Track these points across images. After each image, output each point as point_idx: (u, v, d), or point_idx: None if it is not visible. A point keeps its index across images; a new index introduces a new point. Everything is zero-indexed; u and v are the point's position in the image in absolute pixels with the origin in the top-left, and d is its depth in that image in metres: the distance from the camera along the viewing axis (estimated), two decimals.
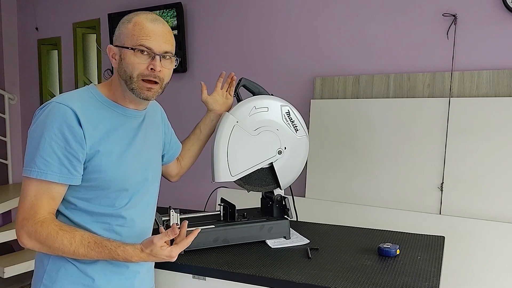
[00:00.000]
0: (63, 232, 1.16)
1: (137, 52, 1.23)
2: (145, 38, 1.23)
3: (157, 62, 1.24)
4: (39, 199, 1.17)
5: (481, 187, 2.25)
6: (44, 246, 1.17)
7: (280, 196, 1.78)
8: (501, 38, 2.26)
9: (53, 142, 1.16)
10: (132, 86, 1.25)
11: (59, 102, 1.19)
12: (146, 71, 1.24)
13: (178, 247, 1.21)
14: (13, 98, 4.57)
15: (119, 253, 1.17)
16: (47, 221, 1.17)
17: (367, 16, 2.63)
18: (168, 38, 1.27)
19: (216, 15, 3.22)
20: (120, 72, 1.26)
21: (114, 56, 1.28)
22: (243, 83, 1.77)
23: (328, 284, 1.34)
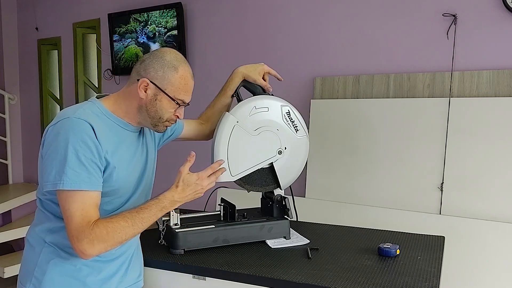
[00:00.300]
0: (115, 219, 1.25)
1: (175, 103, 1.35)
2: (186, 95, 1.38)
3: (183, 111, 1.41)
4: (87, 210, 1.22)
5: (481, 187, 2.25)
6: (108, 242, 1.23)
7: (280, 196, 1.78)
8: (501, 38, 2.26)
9: (80, 154, 1.21)
10: (157, 124, 1.38)
11: (78, 118, 1.24)
12: (174, 117, 1.39)
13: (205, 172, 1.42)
14: (13, 98, 4.57)
15: (162, 200, 1.33)
16: (98, 223, 1.22)
17: (367, 16, 2.63)
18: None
19: (216, 15, 3.22)
20: (148, 108, 1.35)
21: (146, 90, 1.33)
22: (243, 83, 1.77)
23: (328, 284, 1.34)
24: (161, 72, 1.33)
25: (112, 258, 1.38)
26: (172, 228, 1.63)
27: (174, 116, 1.38)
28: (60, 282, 1.31)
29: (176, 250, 1.60)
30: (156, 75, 1.33)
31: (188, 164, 1.38)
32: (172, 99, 1.34)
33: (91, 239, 1.20)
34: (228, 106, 1.79)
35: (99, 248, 1.22)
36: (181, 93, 1.35)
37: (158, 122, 1.37)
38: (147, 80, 1.32)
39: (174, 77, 1.34)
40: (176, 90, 1.34)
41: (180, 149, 3.22)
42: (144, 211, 1.29)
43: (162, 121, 1.37)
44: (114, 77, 3.71)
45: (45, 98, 4.43)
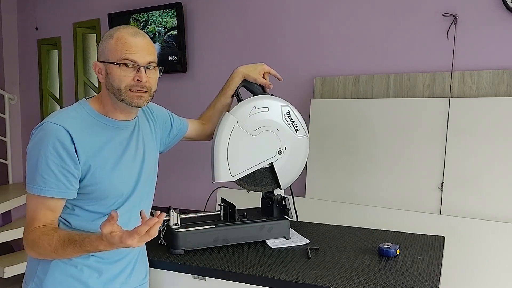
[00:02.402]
0: (44, 236, 1.23)
1: (122, 66, 1.29)
2: (128, 52, 1.28)
3: (143, 73, 1.30)
4: (37, 213, 1.26)
5: (481, 187, 2.25)
6: (35, 252, 1.26)
7: (280, 196, 1.78)
8: (501, 38, 2.26)
9: (49, 160, 1.23)
10: (122, 97, 1.31)
11: (53, 122, 1.25)
12: (132, 82, 1.30)
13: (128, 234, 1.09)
14: (13, 98, 4.57)
15: (87, 245, 1.17)
16: (36, 229, 1.25)
17: (367, 16, 2.63)
18: (150, 50, 1.33)
19: (216, 15, 3.22)
20: (108, 86, 1.32)
21: (100, 72, 1.33)
22: (243, 83, 1.77)
23: (328, 284, 1.34)
24: (101, 47, 1.32)
25: (115, 259, 1.38)
26: (172, 228, 1.63)
27: (133, 81, 1.29)
28: (61, 282, 1.31)
29: (176, 250, 1.60)
30: (99, 54, 1.33)
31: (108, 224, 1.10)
32: (117, 64, 1.28)
33: (26, 240, 1.26)
34: (228, 106, 1.79)
35: (30, 252, 1.28)
36: (122, 53, 1.28)
37: (119, 94, 1.30)
38: (96, 62, 1.33)
39: (110, 44, 1.30)
40: (116, 53, 1.28)
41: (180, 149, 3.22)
42: (69, 245, 1.19)
43: (122, 91, 1.30)
44: None
45: (45, 98, 4.43)
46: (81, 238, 1.19)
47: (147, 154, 1.46)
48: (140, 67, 1.30)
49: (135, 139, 1.43)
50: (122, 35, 1.30)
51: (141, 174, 1.42)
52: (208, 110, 1.81)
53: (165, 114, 1.65)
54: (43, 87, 4.43)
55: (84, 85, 4.12)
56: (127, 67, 1.29)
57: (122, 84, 1.29)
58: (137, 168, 1.42)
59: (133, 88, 1.30)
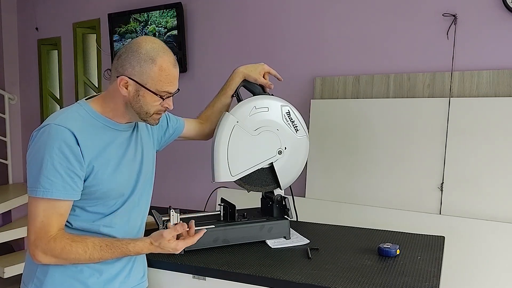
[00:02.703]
0: (75, 243, 1.24)
1: (159, 95, 1.30)
2: (169, 85, 1.30)
3: (171, 101, 1.35)
4: (49, 218, 1.24)
5: (481, 187, 2.25)
6: (60, 259, 1.25)
7: (280, 196, 1.78)
8: (501, 38, 2.26)
9: (55, 162, 1.21)
10: (146, 119, 1.34)
11: (57, 124, 1.24)
12: (161, 108, 1.34)
13: (184, 242, 1.32)
14: (13, 98, 4.57)
15: (130, 249, 1.28)
16: (58, 237, 1.24)
17: (367, 16, 2.63)
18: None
19: (216, 15, 3.22)
20: (133, 104, 1.31)
21: (126, 87, 1.29)
22: (243, 83, 1.77)
23: (328, 284, 1.34)
24: (138, 67, 1.26)
25: (115, 259, 1.38)
26: None
27: (162, 108, 1.33)
28: (61, 283, 1.31)
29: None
30: (133, 71, 1.27)
31: (173, 232, 1.30)
32: (154, 93, 1.29)
33: (44, 250, 1.23)
34: (228, 106, 1.79)
35: (50, 260, 1.25)
36: (164, 85, 1.29)
37: (146, 116, 1.33)
38: (126, 78, 1.27)
39: (152, 70, 1.26)
40: (157, 83, 1.28)
41: (180, 149, 3.22)
42: (107, 250, 1.27)
43: (149, 115, 1.33)
44: None
45: (45, 98, 4.43)
46: (123, 243, 1.28)
47: (145, 154, 1.47)
48: (171, 96, 1.33)
49: (134, 140, 1.43)
50: (166, 65, 1.28)
51: (140, 175, 1.43)
52: (207, 109, 1.81)
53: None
54: (43, 87, 4.43)
55: (84, 85, 4.12)
56: (162, 98, 1.31)
57: (152, 109, 1.32)
58: (137, 168, 1.42)
59: (159, 112, 1.34)
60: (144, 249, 1.30)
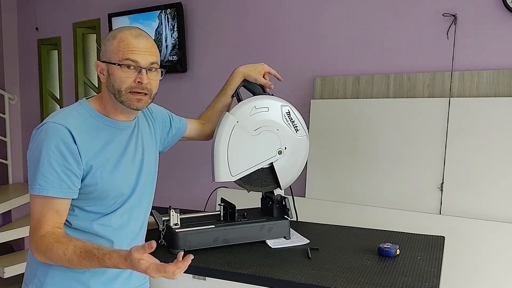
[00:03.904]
0: (58, 244, 1.20)
1: (124, 67, 1.28)
2: (130, 53, 1.28)
3: (144, 75, 1.29)
4: (44, 215, 1.24)
5: (481, 187, 2.25)
6: (46, 257, 1.23)
7: (280, 196, 1.78)
8: (501, 38, 2.26)
9: (52, 160, 1.22)
10: (122, 99, 1.30)
11: (55, 122, 1.24)
12: (133, 83, 1.29)
13: (155, 268, 1.10)
14: (13, 98, 4.57)
15: (106, 261, 1.16)
16: (47, 235, 1.22)
17: (367, 16, 2.63)
18: (153, 51, 1.32)
19: (216, 15, 3.22)
20: (108, 86, 1.32)
21: (102, 72, 1.32)
22: (243, 83, 1.77)
23: (328, 284, 1.34)
24: (104, 48, 1.32)
25: None
26: (172, 228, 1.63)
27: (134, 83, 1.29)
28: (62, 284, 1.31)
29: (176, 250, 1.60)
30: (101, 54, 1.32)
31: (141, 251, 1.10)
32: (118, 64, 1.27)
33: (35, 245, 1.23)
34: (228, 106, 1.79)
35: (39, 257, 1.24)
36: (125, 53, 1.27)
37: (119, 96, 1.29)
38: (98, 62, 1.32)
39: (113, 45, 1.29)
40: (118, 54, 1.28)
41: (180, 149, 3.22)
42: (85, 257, 1.17)
43: (122, 93, 1.29)
44: None
45: (45, 98, 4.43)
46: (100, 253, 1.16)
47: (146, 154, 1.46)
48: (142, 69, 1.29)
49: (135, 140, 1.42)
50: (125, 36, 1.29)
51: (140, 175, 1.42)
52: (208, 110, 1.81)
53: (165, 114, 1.65)
54: (43, 87, 4.43)
55: (84, 85, 4.12)
56: (128, 68, 1.28)
57: (123, 85, 1.29)
58: (137, 168, 1.41)
59: (133, 90, 1.29)
60: (120, 263, 1.14)
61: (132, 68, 1.28)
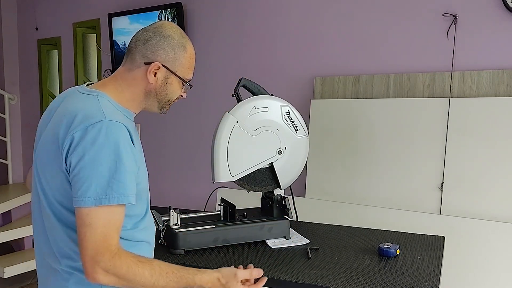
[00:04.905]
0: (142, 264, 1.08)
1: (183, 82, 1.27)
2: (192, 73, 1.30)
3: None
4: (110, 229, 1.07)
5: (481, 187, 2.25)
6: (123, 280, 1.07)
7: (280, 196, 1.78)
8: (501, 38, 2.26)
9: (126, 162, 1.08)
10: (164, 106, 1.29)
11: (113, 120, 1.10)
12: (179, 96, 1.32)
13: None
14: (13, 98, 4.57)
15: (196, 281, 1.13)
16: (123, 254, 1.08)
17: (367, 16, 2.63)
18: None
19: (216, 15, 3.22)
20: (158, 92, 1.24)
21: (156, 74, 1.22)
22: (243, 83, 1.77)
23: (328, 284, 1.34)
24: (172, 54, 1.22)
25: None
26: (172, 228, 1.63)
27: (180, 96, 1.30)
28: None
29: (176, 250, 1.60)
30: (167, 58, 1.21)
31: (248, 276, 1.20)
32: (182, 80, 1.26)
33: (107, 267, 1.05)
34: None
35: (110, 280, 1.06)
36: (190, 73, 1.28)
37: (166, 104, 1.28)
38: (159, 64, 1.21)
39: (184, 57, 1.24)
40: (185, 71, 1.26)
41: (180, 149, 3.22)
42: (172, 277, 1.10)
43: (170, 103, 1.29)
44: None
45: (45, 98, 4.43)
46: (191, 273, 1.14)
47: None
48: (189, 87, 1.31)
49: None
50: (193, 52, 1.28)
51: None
52: None
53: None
54: (43, 87, 4.43)
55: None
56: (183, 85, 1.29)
57: (173, 97, 1.28)
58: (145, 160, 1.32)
59: (176, 100, 1.32)
60: (208, 283, 1.14)
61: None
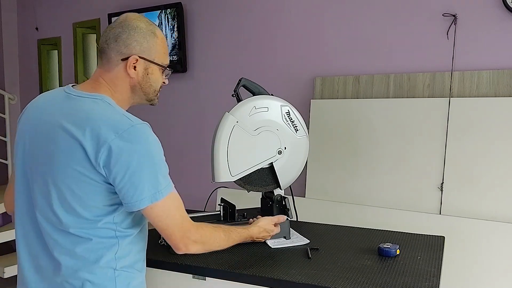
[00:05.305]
0: (216, 228, 1.34)
1: (165, 70, 1.30)
2: (168, 57, 1.31)
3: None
4: (182, 210, 1.23)
5: (481, 187, 2.25)
6: (207, 244, 1.30)
7: (280, 196, 1.78)
8: (501, 38, 2.26)
9: (162, 159, 1.18)
10: (153, 99, 1.32)
11: (142, 123, 1.16)
12: (162, 84, 1.33)
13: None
14: (13, 98, 4.57)
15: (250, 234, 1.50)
16: (200, 225, 1.29)
17: (367, 16, 2.63)
18: None
19: (216, 15, 3.22)
20: (142, 85, 1.26)
21: (135, 67, 1.23)
22: (243, 83, 1.77)
23: (328, 284, 1.34)
24: (145, 43, 1.23)
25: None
26: None
27: (162, 83, 1.31)
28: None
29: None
30: (142, 48, 1.22)
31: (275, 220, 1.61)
32: (162, 66, 1.27)
33: (196, 239, 1.24)
34: None
35: (198, 248, 1.26)
36: (166, 58, 1.29)
37: (154, 95, 1.30)
38: (136, 56, 1.22)
39: (157, 44, 1.25)
40: (162, 56, 1.27)
41: (180, 149, 3.22)
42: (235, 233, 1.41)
43: (157, 92, 1.30)
44: None
45: None
46: (244, 229, 1.49)
47: None
48: (169, 71, 1.31)
49: None
50: (163, 35, 1.28)
51: None
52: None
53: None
54: (43, 87, 4.43)
55: None
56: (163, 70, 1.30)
57: (157, 86, 1.30)
58: None
59: (159, 89, 1.32)
60: (259, 234, 1.56)
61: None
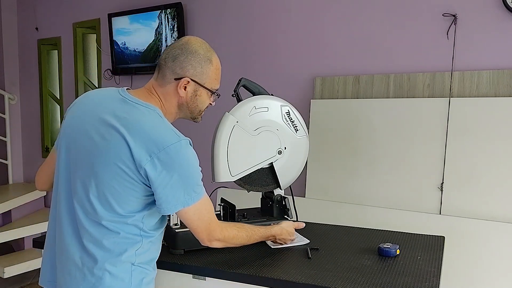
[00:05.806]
0: (239, 228, 1.47)
1: (213, 95, 1.42)
2: (218, 83, 1.43)
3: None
4: (211, 212, 1.37)
5: (481, 187, 2.25)
6: (229, 243, 1.43)
7: (280, 196, 1.78)
8: (501, 38, 2.26)
9: (198, 170, 1.32)
10: (197, 117, 1.45)
11: (185, 138, 1.29)
12: (208, 105, 1.46)
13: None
14: (13, 98, 4.57)
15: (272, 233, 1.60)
16: (225, 225, 1.43)
17: (367, 16, 2.63)
18: None
19: (216, 15, 3.22)
20: (189, 104, 1.39)
21: (186, 87, 1.36)
22: (243, 83, 1.77)
23: (328, 284, 1.34)
24: (199, 68, 1.36)
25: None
26: (172, 228, 1.63)
27: (209, 105, 1.44)
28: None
29: (176, 250, 1.60)
30: (195, 72, 1.36)
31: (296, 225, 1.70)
32: (210, 91, 1.40)
33: (220, 238, 1.38)
34: None
35: (222, 245, 1.41)
36: (216, 83, 1.42)
37: (198, 114, 1.44)
38: (188, 79, 1.35)
39: (211, 70, 1.38)
40: (212, 82, 1.40)
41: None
42: (258, 233, 1.52)
43: (201, 113, 1.44)
44: (114, 77, 3.71)
45: (45, 98, 4.43)
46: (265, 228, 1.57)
47: None
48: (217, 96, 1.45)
49: None
50: (219, 64, 1.41)
51: None
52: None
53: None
54: (43, 87, 4.43)
55: (84, 85, 4.12)
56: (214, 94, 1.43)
57: (203, 107, 1.43)
58: None
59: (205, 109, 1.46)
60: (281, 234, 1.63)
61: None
